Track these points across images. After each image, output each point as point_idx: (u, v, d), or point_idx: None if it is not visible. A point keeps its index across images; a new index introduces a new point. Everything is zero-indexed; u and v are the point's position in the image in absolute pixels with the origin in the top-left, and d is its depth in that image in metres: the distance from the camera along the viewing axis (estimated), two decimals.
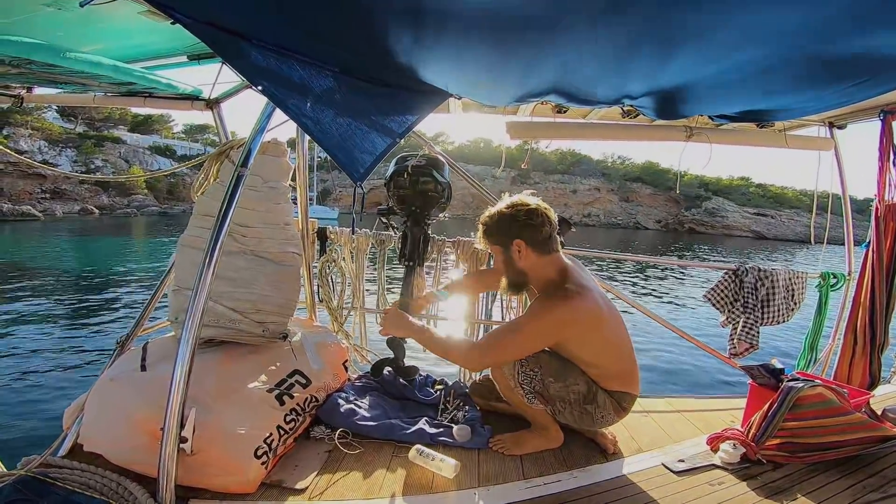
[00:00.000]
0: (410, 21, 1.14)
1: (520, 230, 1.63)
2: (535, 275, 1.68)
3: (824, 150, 2.43)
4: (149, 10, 1.17)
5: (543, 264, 1.67)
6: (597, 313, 1.59)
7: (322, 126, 1.34)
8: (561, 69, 1.44)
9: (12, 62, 1.21)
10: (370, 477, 1.57)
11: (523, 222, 1.62)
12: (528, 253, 1.65)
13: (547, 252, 1.66)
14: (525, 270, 1.68)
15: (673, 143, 2.35)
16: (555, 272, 1.67)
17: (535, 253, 1.65)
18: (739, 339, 2.43)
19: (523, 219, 1.62)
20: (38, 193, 27.93)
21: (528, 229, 1.63)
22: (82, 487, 1.28)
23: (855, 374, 2.32)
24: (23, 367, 5.00)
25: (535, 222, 1.62)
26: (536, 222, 1.63)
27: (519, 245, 1.64)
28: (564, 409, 1.70)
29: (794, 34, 1.09)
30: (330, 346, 2.20)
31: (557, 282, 1.63)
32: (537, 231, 1.63)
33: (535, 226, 1.62)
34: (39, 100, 2.09)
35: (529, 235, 1.63)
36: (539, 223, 1.63)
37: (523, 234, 1.63)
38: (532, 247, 1.64)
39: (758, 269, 2.48)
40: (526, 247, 1.64)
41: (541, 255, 1.65)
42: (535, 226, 1.62)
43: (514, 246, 1.65)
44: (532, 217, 1.62)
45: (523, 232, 1.63)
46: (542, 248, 1.65)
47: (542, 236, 1.64)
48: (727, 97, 1.66)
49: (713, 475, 1.65)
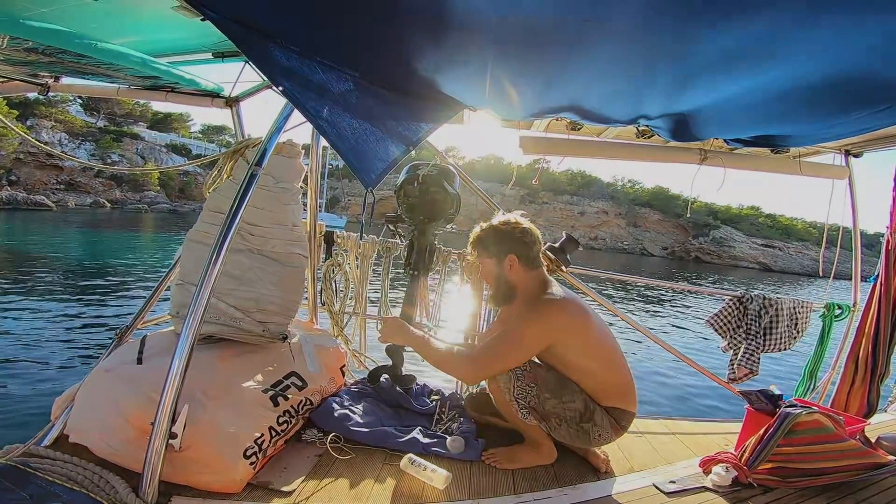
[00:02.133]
0: (434, 31, 1.17)
1: (514, 245, 1.76)
2: (521, 287, 1.78)
3: (838, 178, 2.42)
4: (180, 5, 1.20)
5: (531, 279, 1.78)
6: (582, 315, 1.68)
7: (338, 130, 1.37)
8: (580, 86, 1.46)
9: (45, 50, 1.24)
10: (359, 484, 1.55)
11: (518, 238, 1.76)
12: (519, 268, 1.76)
13: (534, 268, 1.79)
14: (514, 283, 1.78)
15: (685, 166, 2.36)
16: (538, 285, 1.77)
17: (525, 268, 1.77)
18: (739, 365, 2.42)
19: (518, 236, 1.77)
20: (53, 184, 28.43)
21: (522, 246, 1.76)
22: (62, 479, 1.26)
23: (853, 402, 2.32)
24: (22, 356, 5.01)
25: (528, 240, 1.77)
26: (529, 240, 1.77)
27: (511, 260, 1.76)
28: (560, 426, 1.68)
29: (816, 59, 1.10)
30: (329, 350, 2.20)
31: (540, 293, 1.73)
32: (529, 248, 1.77)
33: (528, 243, 1.77)
34: (65, 89, 2.13)
35: (522, 251, 1.76)
36: (531, 241, 1.78)
37: (516, 250, 1.75)
38: (522, 262, 1.76)
39: (763, 297, 2.48)
40: (518, 262, 1.75)
41: (529, 270, 1.77)
42: (528, 243, 1.77)
43: (506, 260, 1.76)
44: (525, 235, 1.77)
45: (517, 248, 1.76)
46: (530, 264, 1.78)
47: (533, 254, 1.78)
48: (744, 121, 1.68)
49: (703, 497, 1.64)
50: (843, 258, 2.53)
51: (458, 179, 2.28)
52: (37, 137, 27.57)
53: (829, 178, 2.43)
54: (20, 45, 1.21)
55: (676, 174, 66.87)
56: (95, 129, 33.87)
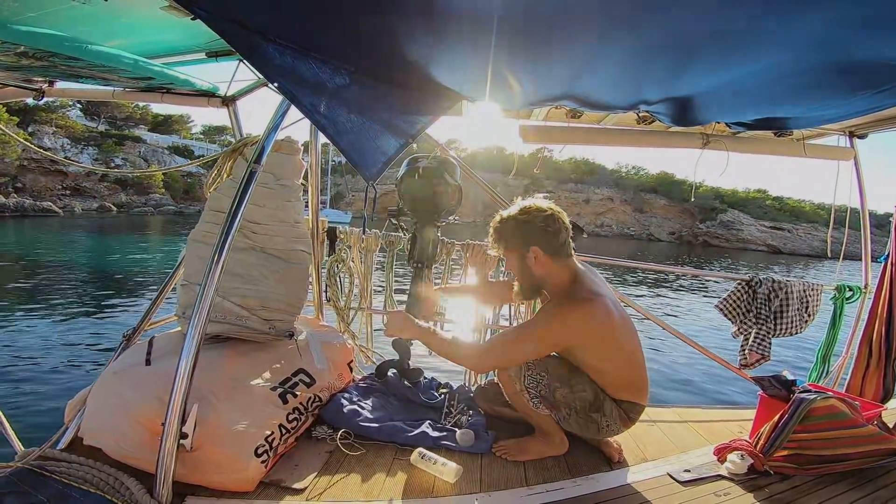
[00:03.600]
0: (427, 21, 1.15)
1: (537, 236, 1.59)
2: (549, 281, 1.66)
3: (843, 159, 2.39)
4: (170, 4, 1.19)
5: (558, 270, 1.64)
6: (609, 320, 1.56)
7: (336, 125, 1.35)
8: (577, 73, 1.44)
9: (35, 54, 1.24)
10: (370, 479, 1.56)
11: (540, 228, 1.59)
12: (545, 259, 1.61)
13: (562, 257, 1.63)
14: (540, 277, 1.65)
15: (688, 152, 2.34)
16: (568, 278, 1.64)
17: (551, 259, 1.62)
18: (751, 350, 2.39)
19: (540, 225, 1.59)
20: (58, 190, 28.65)
21: (546, 235, 1.59)
22: (78, 481, 1.27)
23: (868, 387, 2.28)
24: (33, 360, 5.08)
25: (552, 228, 1.59)
26: (553, 228, 1.59)
27: (535, 252, 1.61)
28: (570, 416, 1.67)
29: (816, 40, 1.07)
30: (335, 346, 2.20)
31: (570, 288, 1.61)
32: (554, 237, 1.60)
33: (552, 232, 1.59)
34: (60, 94, 2.13)
35: (547, 242, 1.60)
36: (556, 229, 1.60)
37: (540, 241, 1.60)
38: (548, 253, 1.61)
39: (772, 280, 2.44)
40: (543, 254, 1.61)
41: (556, 261, 1.62)
42: (552, 232, 1.59)
43: (530, 253, 1.61)
44: (549, 223, 1.59)
45: (540, 238, 1.60)
46: (558, 254, 1.62)
47: (559, 242, 1.61)
48: (745, 104, 1.64)
49: (719, 486, 1.62)
50: (852, 239, 2.48)
51: (459, 170, 2.26)
52: (39, 143, 27.73)
53: (835, 160, 2.40)
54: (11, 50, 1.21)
55: (681, 159, 66.59)
56: (97, 134, 34.02)
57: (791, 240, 46.90)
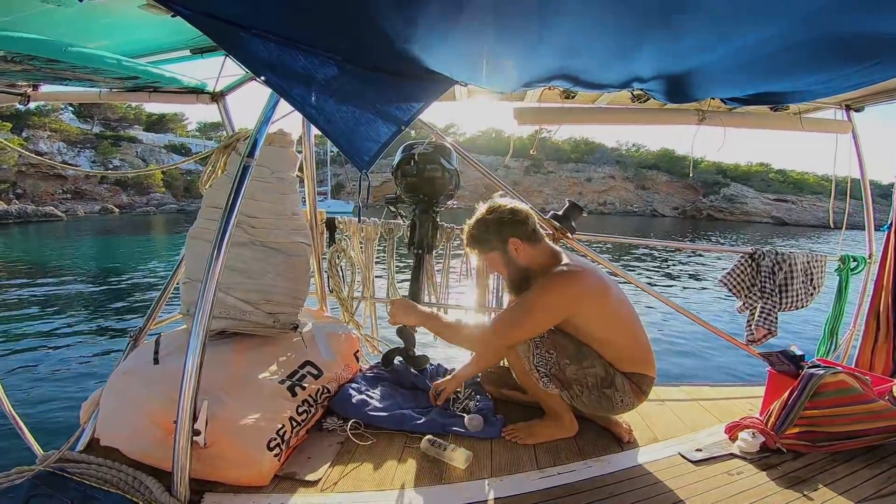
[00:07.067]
0: (412, 5, 1.12)
1: (511, 229, 1.69)
2: (534, 265, 1.72)
3: (841, 132, 2.36)
4: (148, 3, 1.16)
5: (539, 253, 1.72)
6: (601, 284, 1.65)
7: (327, 115, 1.33)
8: (566, 52, 1.40)
9: (14, 58, 1.21)
10: (382, 468, 1.57)
11: (511, 220, 1.69)
12: (525, 247, 1.70)
13: (538, 241, 1.73)
14: (525, 265, 1.72)
15: (687, 128, 2.30)
16: (550, 256, 1.73)
17: (530, 246, 1.71)
18: (757, 326, 2.37)
19: (510, 217, 1.69)
20: (59, 194, 28.67)
21: (518, 225, 1.69)
22: (99, 482, 1.29)
23: (878, 360, 2.24)
24: (46, 362, 5.16)
25: (520, 218, 1.70)
26: (521, 217, 1.70)
27: (515, 243, 1.69)
28: (582, 394, 1.68)
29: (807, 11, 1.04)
30: (341, 337, 2.21)
31: (556, 264, 1.68)
32: (525, 225, 1.70)
33: (522, 221, 1.70)
34: (46, 98, 2.10)
35: (522, 231, 1.70)
36: (523, 218, 1.71)
37: (516, 232, 1.69)
38: (526, 241, 1.70)
39: (775, 252, 2.41)
40: (522, 242, 1.70)
41: (534, 246, 1.72)
42: (522, 221, 1.70)
43: (510, 245, 1.69)
44: (516, 214, 1.70)
45: (515, 229, 1.69)
46: (533, 240, 1.72)
47: (531, 228, 1.71)
48: (739, 79, 1.61)
49: (732, 465, 1.61)
50: (856, 209, 2.45)
51: (456, 155, 2.23)
52: (35, 148, 27.60)
53: (833, 133, 2.36)
54: None
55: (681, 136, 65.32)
56: (92, 136, 33.85)
57: (796, 211, 46.54)
